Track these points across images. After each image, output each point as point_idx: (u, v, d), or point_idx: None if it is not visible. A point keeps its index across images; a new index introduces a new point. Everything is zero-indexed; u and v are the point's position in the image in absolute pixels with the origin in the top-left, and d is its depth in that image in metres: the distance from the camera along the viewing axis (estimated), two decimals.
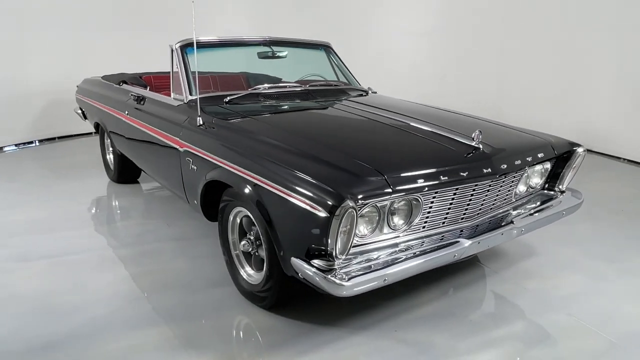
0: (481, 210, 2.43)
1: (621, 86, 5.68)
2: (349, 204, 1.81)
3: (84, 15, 7.01)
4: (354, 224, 1.88)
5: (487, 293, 2.79)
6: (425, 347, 2.27)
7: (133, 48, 7.42)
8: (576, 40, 6.09)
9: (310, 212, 1.90)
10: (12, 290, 2.79)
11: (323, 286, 1.91)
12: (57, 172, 5.31)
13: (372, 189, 1.94)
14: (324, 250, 1.93)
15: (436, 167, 2.15)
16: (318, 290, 2.12)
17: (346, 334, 2.37)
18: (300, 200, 1.95)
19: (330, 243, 1.88)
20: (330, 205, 1.82)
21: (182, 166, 2.98)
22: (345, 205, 1.80)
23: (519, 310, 2.61)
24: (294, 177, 2.04)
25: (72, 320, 2.49)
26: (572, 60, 6.21)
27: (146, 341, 2.33)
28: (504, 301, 2.70)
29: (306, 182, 1.97)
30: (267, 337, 2.36)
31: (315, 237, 1.93)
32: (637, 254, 3.27)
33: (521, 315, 2.56)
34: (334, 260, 1.94)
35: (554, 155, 2.66)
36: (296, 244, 2.06)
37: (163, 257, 3.20)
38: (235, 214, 2.64)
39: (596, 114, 5.97)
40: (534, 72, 6.72)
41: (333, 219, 1.82)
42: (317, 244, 1.95)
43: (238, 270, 2.70)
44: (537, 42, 6.62)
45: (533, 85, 6.74)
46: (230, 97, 3.13)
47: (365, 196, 1.90)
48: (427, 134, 2.51)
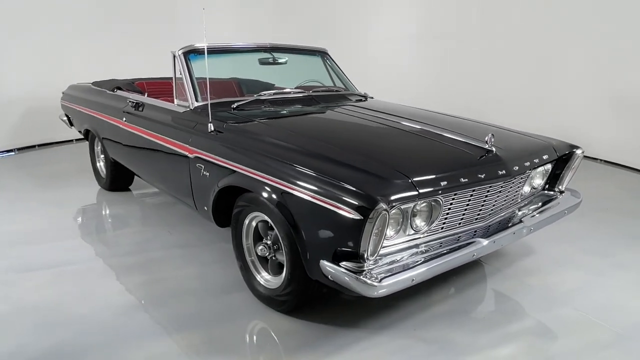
0: (492, 211, 2.53)
1: (597, 91, 5.94)
2: (383, 207, 1.87)
3: (62, 22, 6.88)
4: (385, 226, 1.93)
5: (494, 290, 2.89)
6: (445, 344, 2.35)
7: (113, 55, 7.34)
8: (554, 47, 6.34)
9: (342, 215, 1.95)
10: (19, 302, 2.73)
11: (355, 288, 1.96)
12: (43, 180, 5.18)
13: (400, 191, 2.00)
14: (354, 252, 1.98)
15: (455, 170, 2.24)
16: (345, 292, 2.18)
17: (367, 334, 2.42)
18: (330, 203, 2.00)
19: (363, 245, 1.93)
20: (364, 208, 1.87)
21: (192, 173, 2.98)
22: (379, 208, 1.86)
23: (527, 306, 2.71)
24: (322, 181, 2.08)
25: (86, 331, 2.46)
26: (550, 66, 6.46)
27: (168, 349, 2.32)
28: (510, 298, 2.80)
29: (335, 186, 2.02)
30: (290, 340, 2.39)
31: (346, 239, 1.97)
32: (626, 248, 3.44)
33: (530, 310, 2.66)
34: (363, 262, 1.99)
35: (556, 156, 2.79)
36: (323, 247, 2.10)
37: (171, 265, 3.18)
38: (251, 219, 2.66)
39: (573, 118, 6.21)
40: (513, 77, 6.94)
41: (367, 222, 1.87)
42: (347, 247, 1.99)
43: (254, 276, 2.71)
44: (516, 49, 6.85)
45: (513, 90, 6.96)
46: (237, 103, 3.14)
47: (396, 199, 1.96)
48: (439, 137, 2.59)
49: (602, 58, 5.81)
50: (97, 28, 7.20)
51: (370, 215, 1.86)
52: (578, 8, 5.96)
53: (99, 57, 7.24)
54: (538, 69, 6.58)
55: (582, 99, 6.11)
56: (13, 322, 2.53)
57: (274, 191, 2.30)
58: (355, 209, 1.90)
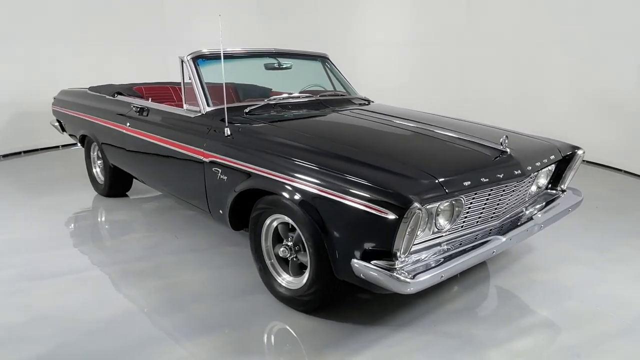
0: (506, 209, 2.64)
1: (577, 95, 6.18)
2: (417, 206, 1.94)
3: (47, 28, 6.76)
4: (417, 225, 2.01)
5: (503, 286, 2.99)
6: (466, 338, 2.43)
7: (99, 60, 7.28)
8: (534, 53, 6.57)
9: (376, 215, 2.01)
10: (36, 311, 2.69)
11: (388, 285, 2.03)
12: (35, 187, 5.09)
13: (431, 191, 2.08)
14: (387, 251, 2.05)
15: (476, 170, 2.33)
16: (374, 290, 2.25)
17: (390, 331, 2.49)
18: (362, 204, 2.06)
19: (397, 244, 2.00)
20: (400, 207, 1.95)
21: (207, 177, 3.00)
22: (413, 208, 1.93)
23: (537, 300, 2.83)
24: (352, 183, 2.14)
25: (108, 337, 2.46)
26: (530, 72, 6.69)
27: (197, 351, 2.34)
28: (520, 293, 2.92)
29: (367, 187, 2.08)
30: (315, 339, 2.43)
31: (379, 238, 2.05)
32: (620, 244, 3.61)
33: (540, 304, 2.78)
34: (394, 261, 2.06)
35: (560, 157, 2.93)
36: (353, 247, 2.16)
37: (184, 269, 3.19)
38: (271, 222, 2.71)
39: (554, 121, 6.44)
40: (495, 82, 7.16)
41: (402, 221, 1.94)
42: (379, 246, 2.06)
43: (274, 278, 2.75)
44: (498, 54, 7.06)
45: (497, 93, 7.17)
46: (250, 107, 3.18)
47: (427, 198, 2.04)
48: (454, 139, 2.69)
49: (584, 61, 6.04)
50: (83, 33, 7.12)
51: (405, 215, 1.93)
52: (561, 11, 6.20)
53: (85, 62, 7.17)
54: (522, 73, 6.80)
55: (565, 102, 6.34)
56: (32, 330, 2.50)
57: (300, 193, 2.35)
58: (390, 209, 1.97)
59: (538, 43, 6.52)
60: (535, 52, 6.58)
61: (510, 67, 6.94)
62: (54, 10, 6.77)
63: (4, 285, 2.97)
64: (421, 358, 2.29)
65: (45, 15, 6.72)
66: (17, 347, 2.36)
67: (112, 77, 6.75)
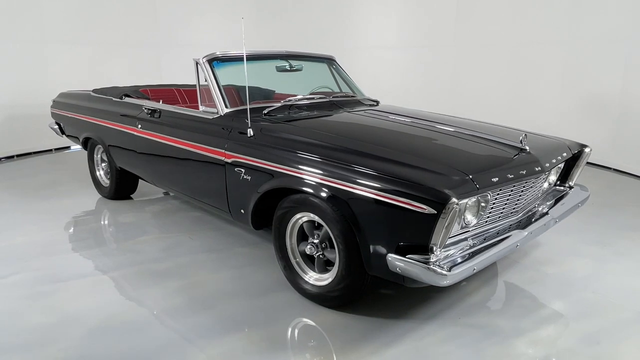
0: (524, 205, 2.75)
1: (567, 95, 6.39)
2: (455, 201, 2.03)
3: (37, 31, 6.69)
4: (454, 219, 2.09)
5: (518, 279, 3.10)
6: (491, 329, 2.53)
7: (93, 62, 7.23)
8: (524, 55, 6.77)
9: (414, 212, 2.09)
10: (63, 312, 2.69)
11: (425, 278, 2.11)
12: (36, 190, 5.04)
13: (465, 187, 2.17)
14: (423, 245, 2.13)
15: (501, 167, 2.43)
16: (407, 284, 2.32)
17: (417, 324, 2.57)
18: (399, 201, 2.14)
19: (434, 238, 2.09)
20: (438, 203, 2.03)
21: (229, 177, 3.04)
22: (452, 203, 2.02)
23: (550, 292, 2.95)
24: (388, 180, 2.21)
25: (139, 337, 2.47)
26: (521, 74, 6.89)
27: (233, 347, 2.38)
28: (533, 285, 3.03)
29: (404, 184, 2.16)
30: (345, 334, 2.49)
31: (417, 233, 2.12)
32: (620, 238, 3.77)
33: (554, 296, 2.90)
34: (429, 255, 2.14)
35: (571, 154, 3.05)
36: (389, 243, 2.24)
37: (203, 269, 3.22)
38: (296, 220, 2.76)
39: (545, 120, 6.64)
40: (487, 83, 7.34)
41: (440, 216, 2.03)
42: (415, 240, 2.14)
43: (300, 275, 2.81)
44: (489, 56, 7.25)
45: (487, 94, 7.35)
46: (268, 108, 3.23)
47: (462, 194, 2.13)
48: (473, 138, 2.79)
49: (574, 63, 6.25)
50: (75, 36, 7.05)
51: (444, 210, 2.02)
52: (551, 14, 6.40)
53: (77, 64, 7.10)
54: (513, 74, 6.99)
55: (556, 102, 6.55)
56: (62, 332, 2.50)
57: (332, 192, 2.41)
58: (429, 205, 2.05)
59: (528, 45, 6.72)
60: (526, 54, 6.78)
61: (501, 68, 7.13)
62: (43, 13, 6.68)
63: (26, 288, 2.95)
64: (452, 348, 2.37)
65: (36, 18, 6.64)
66: (51, 348, 2.37)
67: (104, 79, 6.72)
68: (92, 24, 7.18)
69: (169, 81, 5.86)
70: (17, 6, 6.43)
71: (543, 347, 2.40)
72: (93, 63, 7.22)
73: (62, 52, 6.95)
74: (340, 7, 8.49)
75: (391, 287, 2.94)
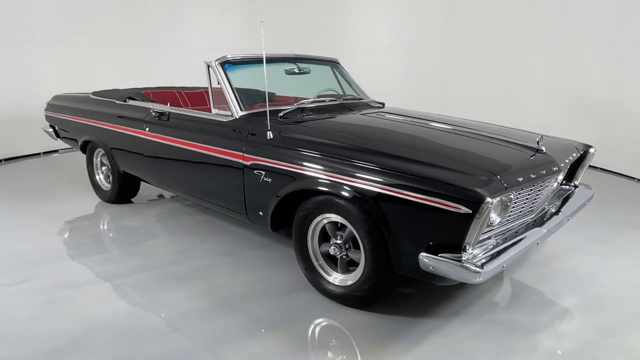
0: (539, 204, 2.85)
1: (554, 97, 6.60)
2: (490, 201, 2.10)
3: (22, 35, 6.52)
4: (487, 218, 2.17)
5: (529, 276, 3.20)
6: (513, 324, 2.62)
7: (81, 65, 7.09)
8: (514, 56, 6.96)
9: (448, 211, 2.16)
10: (86, 318, 2.65)
11: (458, 276, 2.17)
12: (33, 194, 4.93)
13: (496, 187, 2.24)
14: (456, 244, 2.19)
15: (523, 167, 2.52)
16: (438, 283, 2.38)
17: (442, 321, 2.64)
18: (433, 201, 2.20)
19: (469, 237, 2.15)
20: (474, 203, 2.10)
21: (247, 180, 3.05)
22: (487, 202, 2.09)
23: (562, 287, 3.06)
24: (420, 182, 2.26)
25: (173, 340, 2.47)
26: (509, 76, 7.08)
27: (266, 347, 2.41)
28: (545, 282, 3.14)
29: (438, 185, 2.21)
30: (373, 333, 2.54)
31: (450, 233, 2.19)
32: (617, 235, 3.93)
33: (566, 291, 3.01)
34: (462, 253, 2.21)
35: (579, 154, 3.17)
36: (421, 242, 2.30)
37: (221, 271, 3.22)
38: (318, 221, 2.80)
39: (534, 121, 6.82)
40: (476, 84, 7.51)
41: (476, 215, 2.09)
42: (448, 239, 2.21)
43: (322, 276, 2.84)
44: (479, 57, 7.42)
45: (476, 95, 7.53)
46: (284, 111, 3.25)
47: (494, 193, 2.20)
48: (492, 139, 2.88)
49: (561, 65, 6.46)
50: (64, 38, 6.90)
51: (479, 209, 2.09)
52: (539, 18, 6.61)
53: (66, 67, 6.95)
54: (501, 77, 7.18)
55: (543, 103, 6.75)
56: (90, 338, 2.48)
57: (359, 193, 2.45)
58: (464, 204, 2.11)
59: (517, 47, 6.91)
60: (514, 56, 6.97)
61: (490, 70, 7.31)
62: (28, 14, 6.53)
63: (42, 294, 2.90)
64: (479, 344, 2.45)
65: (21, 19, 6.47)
66: (81, 354, 2.34)
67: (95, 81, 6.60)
68: (81, 26, 7.04)
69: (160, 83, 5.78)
70: (1, 8, 6.27)
71: (564, 340, 2.50)
72: (81, 65, 7.07)
73: (49, 54, 6.79)
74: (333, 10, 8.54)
75: (411, 286, 3.00)
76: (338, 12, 8.52)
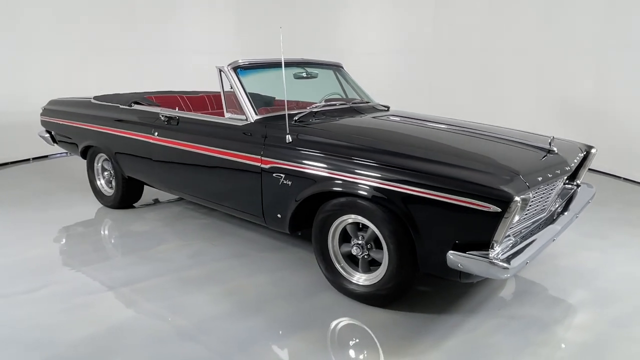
0: (550, 203, 2.97)
1: (539, 99, 6.81)
2: (518, 200, 2.19)
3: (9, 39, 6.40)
4: (514, 217, 2.26)
5: (536, 273, 3.31)
6: (531, 318, 2.72)
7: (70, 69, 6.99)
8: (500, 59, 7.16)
9: (478, 210, 2.24)
10: (110, 323, 2.65)
11: (486, 272, 2.26)
12: (30, 201, 4.86)
13: (521, 186, 2.33)
14: (484, 242, 2.28)
15: (540, 167, 2.63)
16: (463, 279, 2.46)
17: (463, 317, 2.72)
18: (462, 201, 2.28)
19: (497, 235, 2.24)
20: (503, 202, 2.19)
21: (266, 183, 3.09)
22: (516, 201, 2.18)
23: (569, 283, 3.18)
24: (449, 182, 2.34)
25: (201, 341, 2.49)
26: (496, 79, 7.28)
27: (298, 347, 2.45)
28: (553, 277, 3.25)
29: (467, 185, 2.29)
30: (399, 330, 2.60)
31: (481, 231, 2.27)
32: (614, 231, 4.10)
33: (574, 286, 3.13)
34: (489, 250, 2.29)
35: (583, 154, 3.31)
36: (446, 241, 2.38)
37: (239, 274, 3.25)
38: (339, 223, 2.85)
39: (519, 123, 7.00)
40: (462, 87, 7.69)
41: (505, 214, 2.18)
42: (478, 238, 2.29)
43: (343, 276, 2.90)
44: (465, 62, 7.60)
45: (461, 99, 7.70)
46: (298, 115, 3.30)
47: (520, 192, 2.29)
48: (504, 141, 2.98)
49: (546, 68, 6.68)
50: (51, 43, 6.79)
51: (509, 208, 2.18)
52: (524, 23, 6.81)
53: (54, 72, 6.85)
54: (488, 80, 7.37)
55: (529, 105, 6.95)
56: (117, 343, 2.47)
57: (385, 194, 2.52)
58: (494, 203, 2.20)
59: (503, 51, 7.11)
60: (501, 60, 7.16)
61: (477, 74, 7.49)
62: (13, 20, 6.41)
63: (61, 301, 2.88)
64: (501, 338, 2.54)
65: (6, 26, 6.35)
66: (115, 358, 2.34)
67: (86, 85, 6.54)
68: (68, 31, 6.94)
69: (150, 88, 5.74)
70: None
71: (582, 332, 2.61)
72: (70, 70, 6.98)
73: (36, 60, 6.67)
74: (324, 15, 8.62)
75: (427, 284, 3.08)
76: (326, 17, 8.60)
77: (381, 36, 8.41)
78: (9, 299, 2.91)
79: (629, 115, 5.72)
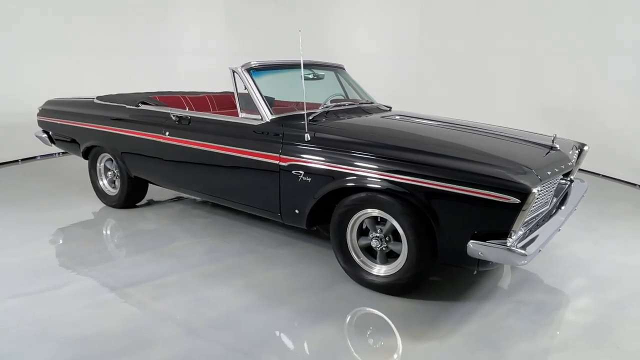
0: (552, 196, 3.18)
1: (524, 101, 7.12)
2: (535, 191, 2.38)
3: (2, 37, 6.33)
4: (531, 207, 2.44)
5: (537, 264, 3.49)
6: (538, 303, 2.92)
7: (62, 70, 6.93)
8: (485, 63, 7.45)
9: (498, 202, 2.42)
10: (142, 316, 2.73)
11: (506, 259, 2.44)
12: (30, 201, 4.83)
13: (534, 178, 2.52)
14: (503, 231, 2.46)
15: (547, 162, 2.83)
16: (480, 268, 2.64)
17: (476, 304, 2.90)
18: (483, 194, 2.45)
19: (515, 225, 2.42)
20: (522, 193, 2.37)
21: (283, 180, 3.20)
22: (534, 192, 2.37)
23: (569, 271, 3.40)
24: (470, 176, 2.51)
25: (235, 331, 2.59)
26: (481, 80, 7.57)
27: (325, 335, 2.57)
28: (553, 266, 3.46)
29: (487, 178, 2.46)
30: (420, 316, 2.76)
31: (501, 221, 2.45)
32: (602, 223, 4.38)
33: (573, 274, 3.36)
34: (506, 239, 2.47)
35: (578, 151, 3.54)
36: (467, 232, 2.55)
37: (257, 268, 3.35)
38: (358, 217, 3.00)
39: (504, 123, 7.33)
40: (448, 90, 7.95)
41: (524, 205, 2.37)
42: (498, 227, 2.46)
43: (362, 268, 3.04)
44: (451, 65, 7.87)
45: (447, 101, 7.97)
46: (312, 114, 3.43)
47: (535, 184, 2.47)
48: (510, 139, 3.18)
49: (530, 70, 6.99)
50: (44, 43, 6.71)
51: (527, 199, 2.36)
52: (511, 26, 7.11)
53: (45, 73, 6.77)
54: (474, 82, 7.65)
55: (513, 106, 7.26)
56: (154, 334, 2.55)
57: (406, 189, 2.68)
58: (514, 195, 2.38)
59: (488, 55, 7.39)
60: (486, 63, 7.45)
61: (462, 76, 7.76)
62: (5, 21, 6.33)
63: (86, 298, 2.92)
64: (514, 321, 2.73)
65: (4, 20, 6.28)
66: (154, 349, 2.42)
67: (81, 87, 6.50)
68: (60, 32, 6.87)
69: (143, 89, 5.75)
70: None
71: (586, 314, 2.83)
72: (62, 71, 6.91)
73: (29, 61, 6.60)
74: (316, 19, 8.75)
75: (438, 274, 3.26)
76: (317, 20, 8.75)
77: (370, 39, 8.60)
78: (33, 297, 2.94)
79: (609, 115, 6.05)
